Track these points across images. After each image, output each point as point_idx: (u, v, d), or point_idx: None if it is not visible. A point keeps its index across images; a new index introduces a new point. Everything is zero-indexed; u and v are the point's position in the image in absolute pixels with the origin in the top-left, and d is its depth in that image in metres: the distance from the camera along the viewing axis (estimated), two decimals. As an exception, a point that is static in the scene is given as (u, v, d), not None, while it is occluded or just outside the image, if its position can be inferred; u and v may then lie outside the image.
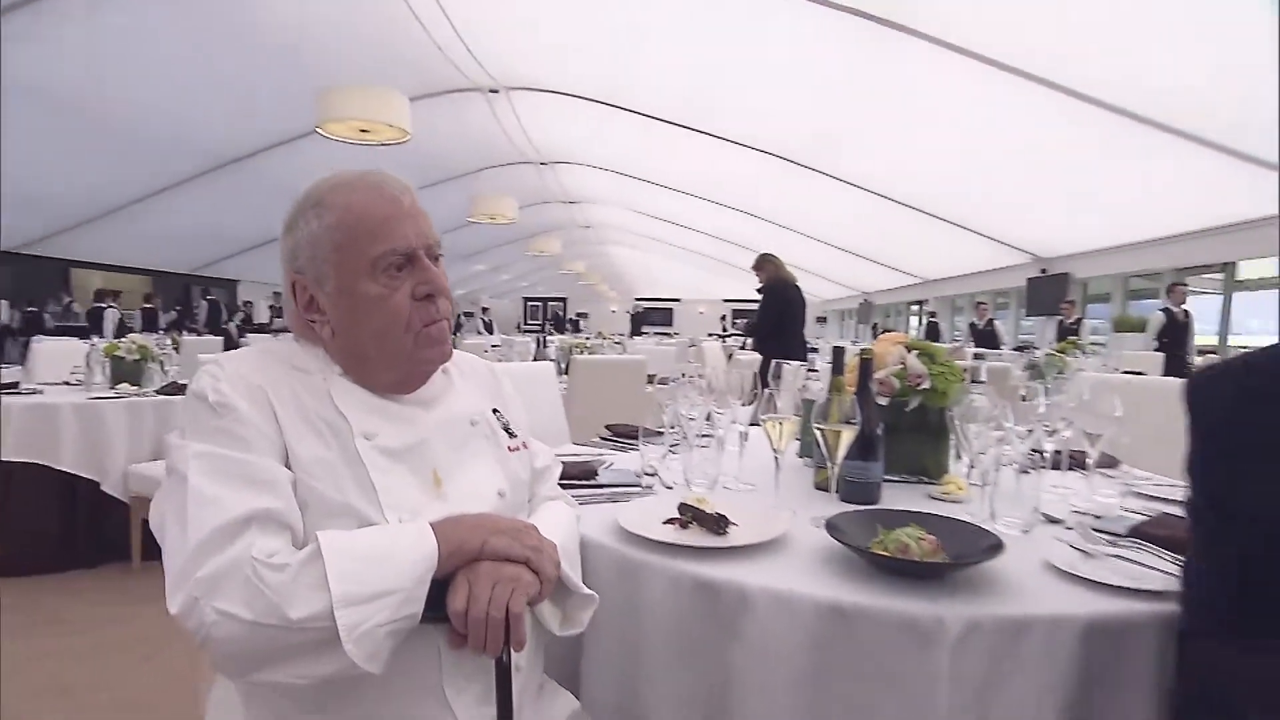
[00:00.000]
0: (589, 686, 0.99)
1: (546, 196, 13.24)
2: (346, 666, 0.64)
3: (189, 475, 0.67)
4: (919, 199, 8.98)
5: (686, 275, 21.66)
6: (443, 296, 0.83)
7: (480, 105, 8.50)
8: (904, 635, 0.82)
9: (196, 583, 0.63)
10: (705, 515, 1.04)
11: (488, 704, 0.75)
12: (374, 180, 0.83)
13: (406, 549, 0.69)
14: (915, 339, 1.52)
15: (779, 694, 0.85)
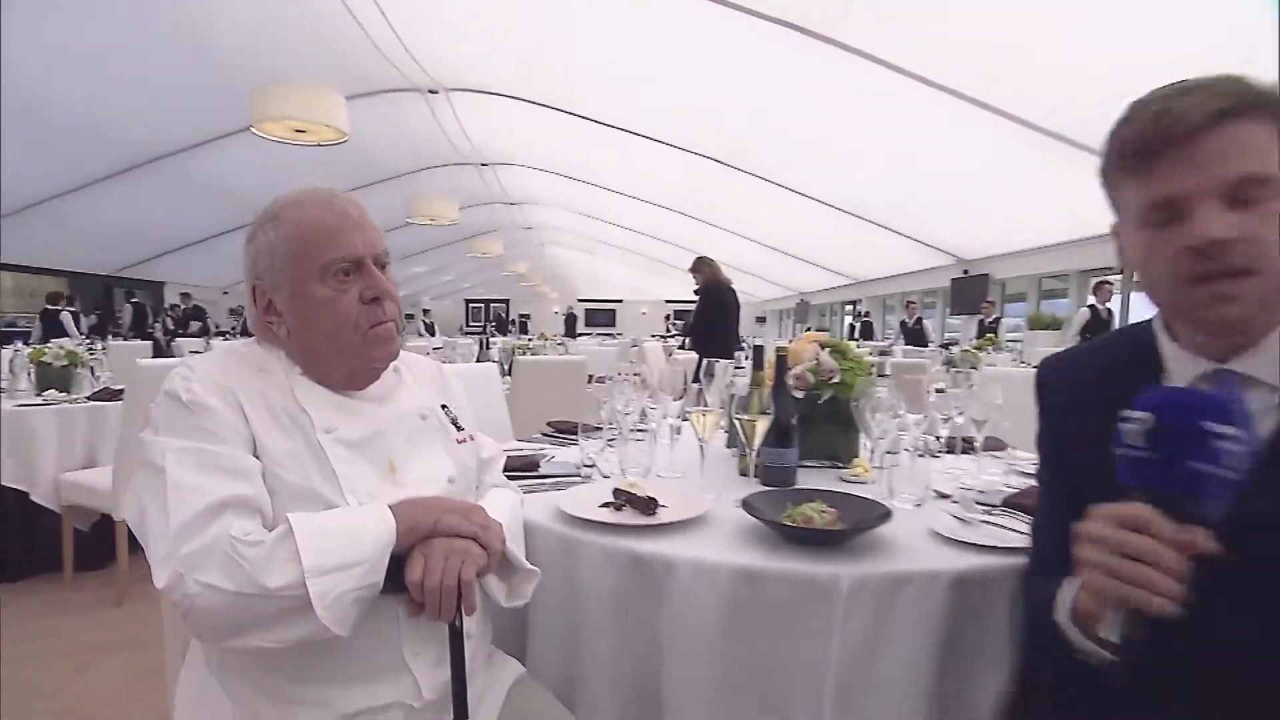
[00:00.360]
0: (534, 653, 1.09)
1: (487, 197, 13.17)
2: (317, 630, 0.72)
3: (168, 467, 0.75)
4: (850, 203, 9.36)
5: (629, 276, 21.84)
6: (389, 299, 0.92)
7: (419, 105, 8.42)
8: (805, 593, 0.95)
9: (180, 559, 0.70)
10: (637, 498, 1.15)
11: (443, 666, 0.85)
12: (325, 196, 0.91)
13: (368, 526, 0.78)
14: (829, 337, 1.67)
15: (700, 649, 0.98)
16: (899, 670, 0.96)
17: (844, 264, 13.63)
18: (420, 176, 10.55)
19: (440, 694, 0.85)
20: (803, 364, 1.54)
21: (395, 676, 0.84)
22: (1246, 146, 0.67)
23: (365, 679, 0.82)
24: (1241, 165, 0.67)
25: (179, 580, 0.70)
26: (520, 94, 8.25)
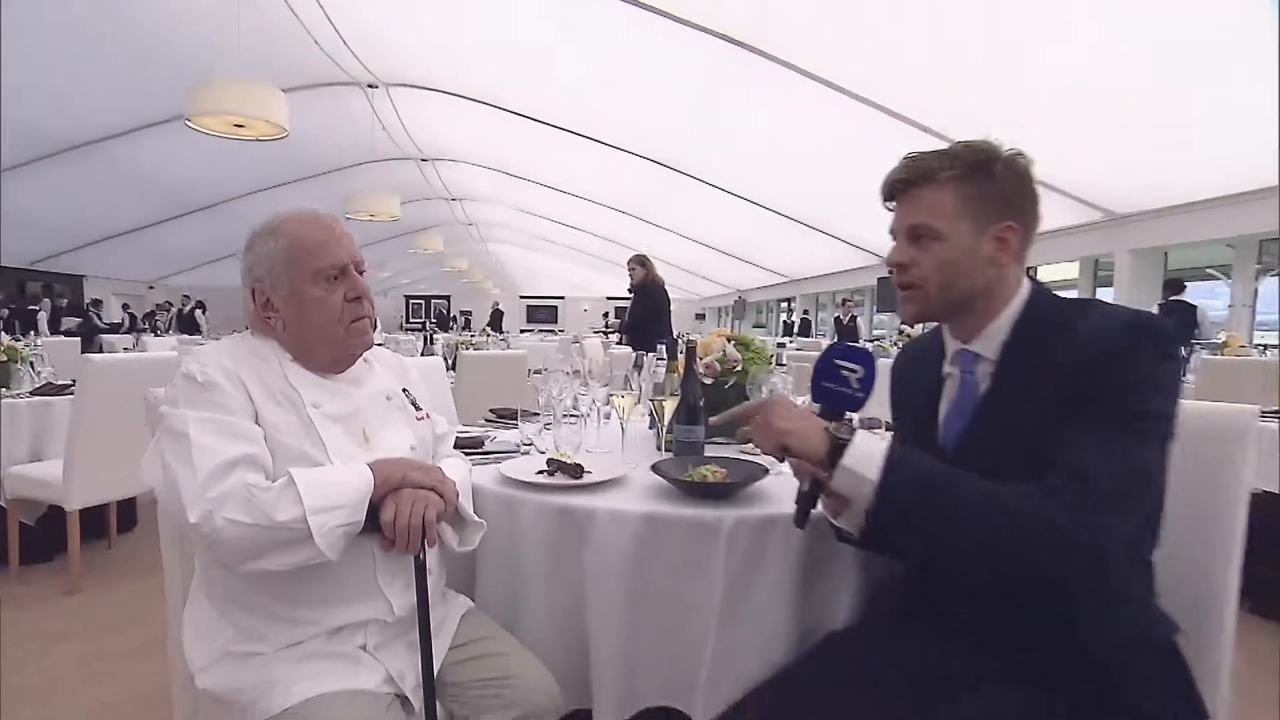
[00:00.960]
0: (481, 590, 1.33)
1: (428, 193, 13.13)
2: (315, 555, 0.94)
3: (190, 432, 0.95)
4: (785, 205, 9.82)
5: (571, 273, 21.97)
6: (366, 299, 1.15)
7: (358, 100, 8.41)
8: (697, 533, 1.22)
9: (208, 501, 0.91)
10: (566, 465, 1.40)
11: (409, 591, 1.08)
12: (313, 214, 1.14)
13: (352, 478, 1.00)
14: (735, 331, 1.95)
15: (615, 580, 1.23)
16: (771, 593, 1.23)
17: (780, 263, 14.18)
18: (359, 171, 10.49)
19: (407, 613, 1.08)
20: (711, 354, 1.81)
21: (371, 599, 1.06)
22: (918, 204, 1.00)
23: (348, 601, 1.05)
24: (913, 218, 1.01)
25: (208, 517, 0.90)
26: (461, 91, 8.34)
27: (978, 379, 1.02)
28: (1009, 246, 0.99)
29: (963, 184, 0.98)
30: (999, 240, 0.98)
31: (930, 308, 1.03)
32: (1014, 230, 0.98)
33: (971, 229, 0.98)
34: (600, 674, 1.25)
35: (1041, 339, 0.96)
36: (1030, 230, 1.02)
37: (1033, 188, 1.01)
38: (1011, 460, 0.91)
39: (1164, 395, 0.88)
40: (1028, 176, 1.01)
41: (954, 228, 0.98)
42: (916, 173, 1.00)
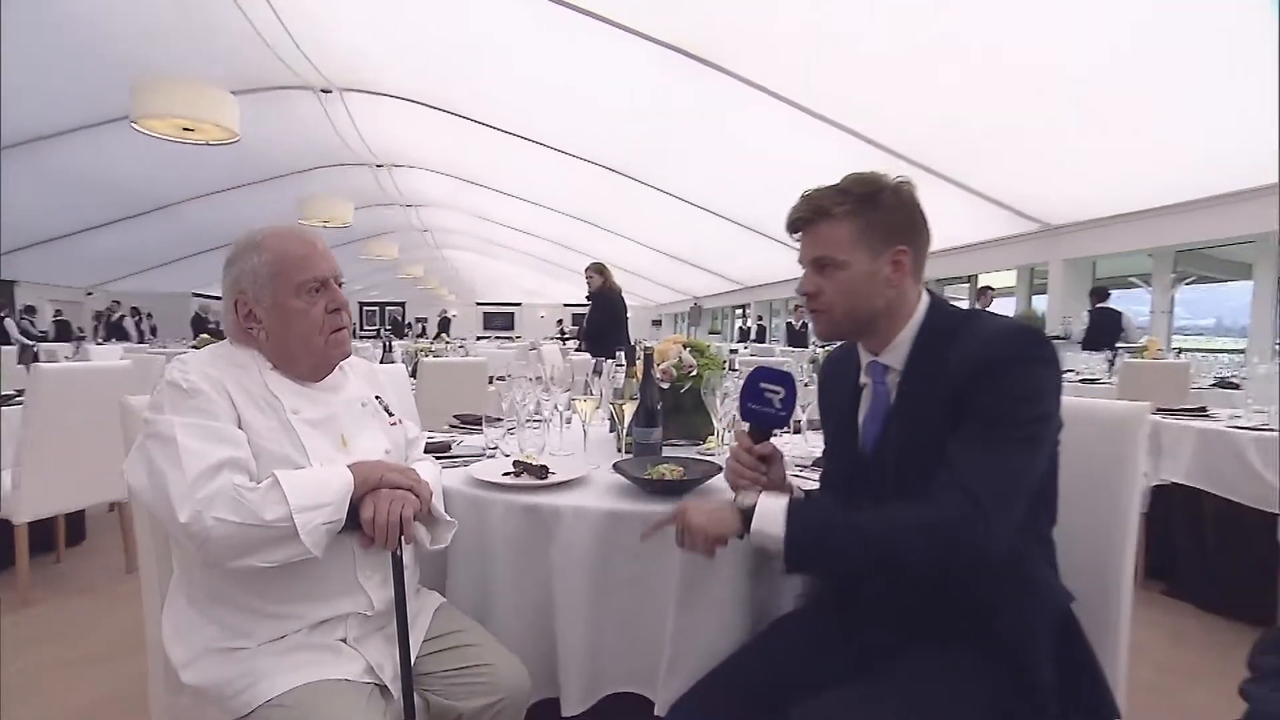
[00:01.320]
0: (452, 587, 1.39)
1: (382, 199, 12.96)
2: (300, 552, 1.00)
3: (178, 437, 0.99)
4: (738, 213, 10.03)
5: (527, 279, 21.91)
6: (345, 311, 1.21)
7: (311, 104, 8.30)
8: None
9: (198, 501, 0.96)
10: (532, 466, 1.48)
11: (387, 586, 1.14)
12: (296, 230, 1.20)
13: (334, 478, 1.06)
14: (691, 338, 2.06)
15: (580, 572, 1.31)
16: (725, 582, 1.33)
17: (735, 270, 14.44)
18: (312, 176, 10.31)
19: (385, 606, 1.14)
20: (668, 360, 1.91)
21: (351, 593, 1.12)
22: (819, 238, 1.12)
23: (329, 596, 1.10)
24: (816, 250, 1.12)
25: (198, 516, 0.95)
26: (417, 97, 8.30)
27: (888, 388, 1.14)
28: (903, 268, 1.10)
29: (856, 216, 1.09)
30: (894, 263, 1.09)
31: (839, 328, 1.16)
32: (906, 253, 1.10)
33: (869, 256, 1.09)
34: (567, 663, 1.33)
35: (937, 350, 1.07)
36: (922, 250, 1.13)
37: (919, 212, 1.13)
38: (919, 460, 1.03)
39: (1041, 399, 1.00)
40: (913, 202, 1.12)
41: (853, 256, 1.09)
42: (814, 210, 1.11)
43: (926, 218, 1.14)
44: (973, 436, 0.99)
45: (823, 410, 1.35)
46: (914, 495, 1.02)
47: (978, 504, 0.95)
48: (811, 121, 6.59)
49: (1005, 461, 0.97)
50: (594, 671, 1.34)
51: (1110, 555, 1.28)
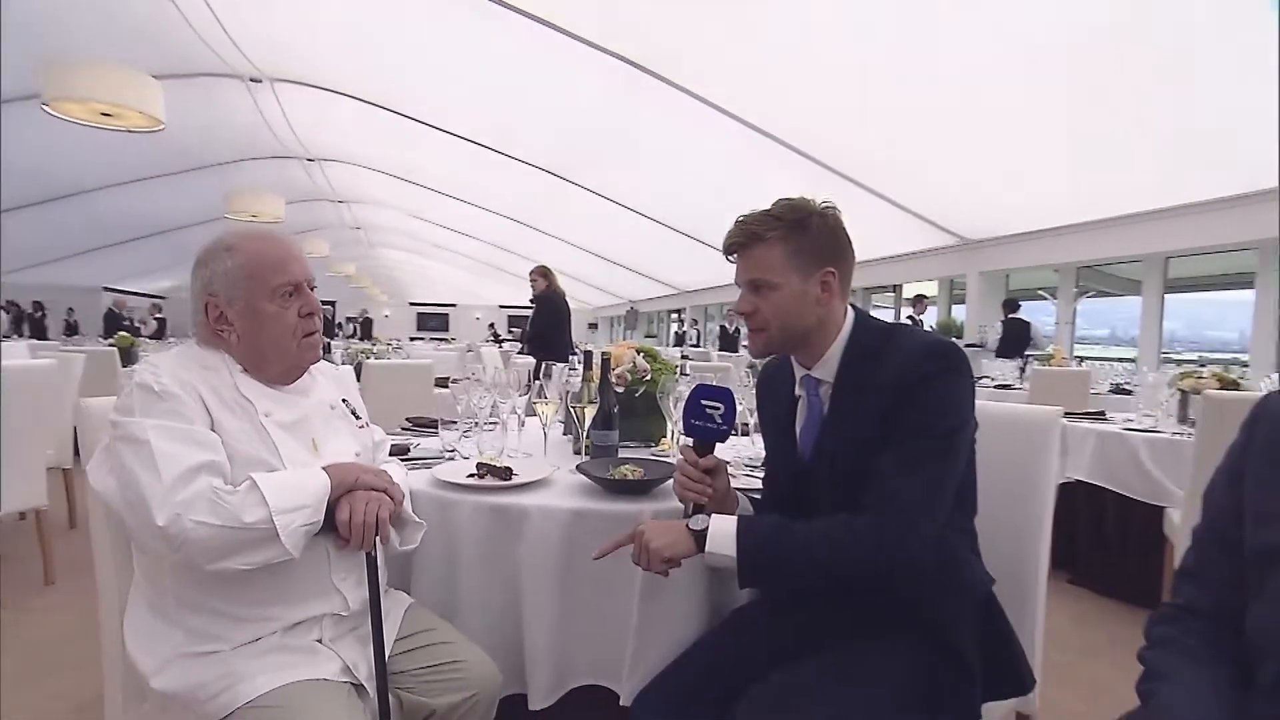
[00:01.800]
0: (418, 587, 1.41)
1: (314, 194, 12.51)
2: (279, 554, 1.01)
3: (151, 439, 0.99)
4: (674, 218, 10.18)
5: (463, 280, 21.52)
6: (318, 315, 1.22)
7: (240, 94, 7.94)
8: (620, 524, 1.35)
9: (176, 505, 0.95)
10: (496, 468, 1.52)
11: (361, 586, 1.16)
12: (270, 233, 1.20)
13: (311, 481, 1.07)
14: (643, 344, 2.13)
15: (548, 569, 1.36)
16: (685, 577, 1.40)
17: (671, 275, 14.63)
18: (240, 168, 9.84)
19: (360, 607, 1.16)
20: (623, 365, 1.98)
21: (326, 595, 1.14)
22: (753, 262, 1.20)
23: (304, 598, 1.12)
24: (751, 273, 1.21)
25: (176, 520, 0.95)
26: (352, 92, 8.08)
27: (821, 400, 1.24)
28: (831, 288, 1.20)
29: (787, 241, 1.18)
30: (823, 284, 1.19)
31: (774, 345, 1.24)
32: (833, 274, 1.20)
33: (799, 277, 1.18)
34: (534, 658, 1.38)
35: (864, 364, 1.18)
36: (847, 271, 1.23)
37: (845, 235, 1.23)
38: (853, 465, 1.13)
39: (956, 409, 1.11)
40: (839, 227, 1.23)
41: (785, 278, 1.18)
42: (748, 235, 1.20)
43: (850, 240, 1.24)
44: (898, 450, 1.09)
45: (762, 420, 1.45)
46: (850, 497, 1.12)
47: (904, 513, 1.06)
48: (747, 133, 6.79)
49: (927, 471, 1.08)
50: (560, 666, 1.40)
51: (1027, 544, 1.43)
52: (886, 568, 1.06)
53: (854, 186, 7.23)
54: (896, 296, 10.41)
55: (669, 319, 18.80)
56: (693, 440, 1.24)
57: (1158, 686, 0.82)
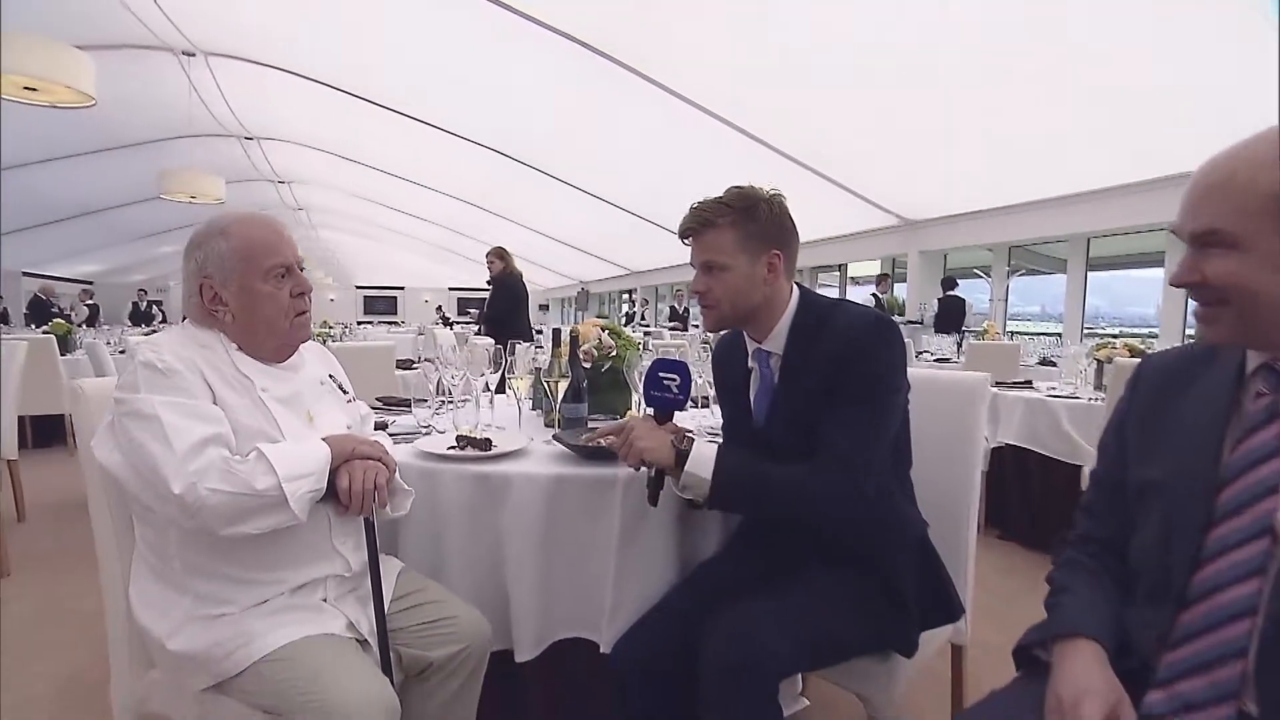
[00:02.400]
0: (406, 552, 1.50)
1: (252, 174, 12.05)
2: (288, 518, 1.08)
3: (160, 414, 1.04)
4: (625, 199, 10.24)
5: (411, 262, 21.08)
6: (308, 295, 1.28)
7: (171, 68, 7.60)
8: (596, 487, 1.48)
9: (190, 474, 1.02)
10: (475, 440, 1.61)
11: (360, 549, 1.25)
12: (261, 217, 1.26)
13: (313, 450, 1.15)
14: (609, 322, 2.24)
15: (531, 532, 1.46)
16: (657, 532, 1.52)
17: (621, 256, 14.69)
18: (173, 146, 9.39)
19: (359, 569, 1.25)
20: (589, 342, 2.08)
21: (328, 557, 1.22)
22: (706, 245, 1.32)
23: (308, 561, 1.20)
24: (704, 255, 1.33)
25: (192, 488, 1.02)
26: (292, 68, 7.83)
27: (772, 371, 1.38)
28: (777, 269, 1.33)
29: (736, 226, 1.30)
30: (769, 265, 1.32)
31: (725, 320, 1.37)
32: (779, 256, 1.33)
33: (748, 259, 1.31)
34: (519, 615, 1.48)
35: (809, 338, 1.31)
36: (792, 253, 1.36)
37: (790, 220, 1.36)
38: (801, 429, 1.28)
39: (891, 376, 1.26)
40: (784, 212, 1.35)
41: (735, 260, 1.31)
42: (700, 221, 1.32)
43: (795, 225, 1.37)
44: (840, 413, 1.24)
45: (719, 390, 1.59)
46: (800, 457, 1.26)
47: (848, 467, 1.21)
48: (697, 116, 6.90)
49: (863, 431, 1.23)
50: (543, 621, 1.50)
51: (960, 495, 1.61)
52: (828, 510, 1.24)
53: (800, 169, 7.44)
54: (841, 275, 10.75)
55: (620, 299, 18.88)
56: (653, 410, 1.36)
57: (1060, 598, 0.98)
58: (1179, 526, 0.87)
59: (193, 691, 1.15)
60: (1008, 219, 7.43)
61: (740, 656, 1.14)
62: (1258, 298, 0.78)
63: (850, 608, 1.26)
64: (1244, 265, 0.78)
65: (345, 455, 1.20)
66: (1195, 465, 0.88)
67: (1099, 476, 1.08)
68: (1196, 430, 0.90)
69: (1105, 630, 0.90)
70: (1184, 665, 0.83)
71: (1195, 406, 0.92)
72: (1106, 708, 0.80)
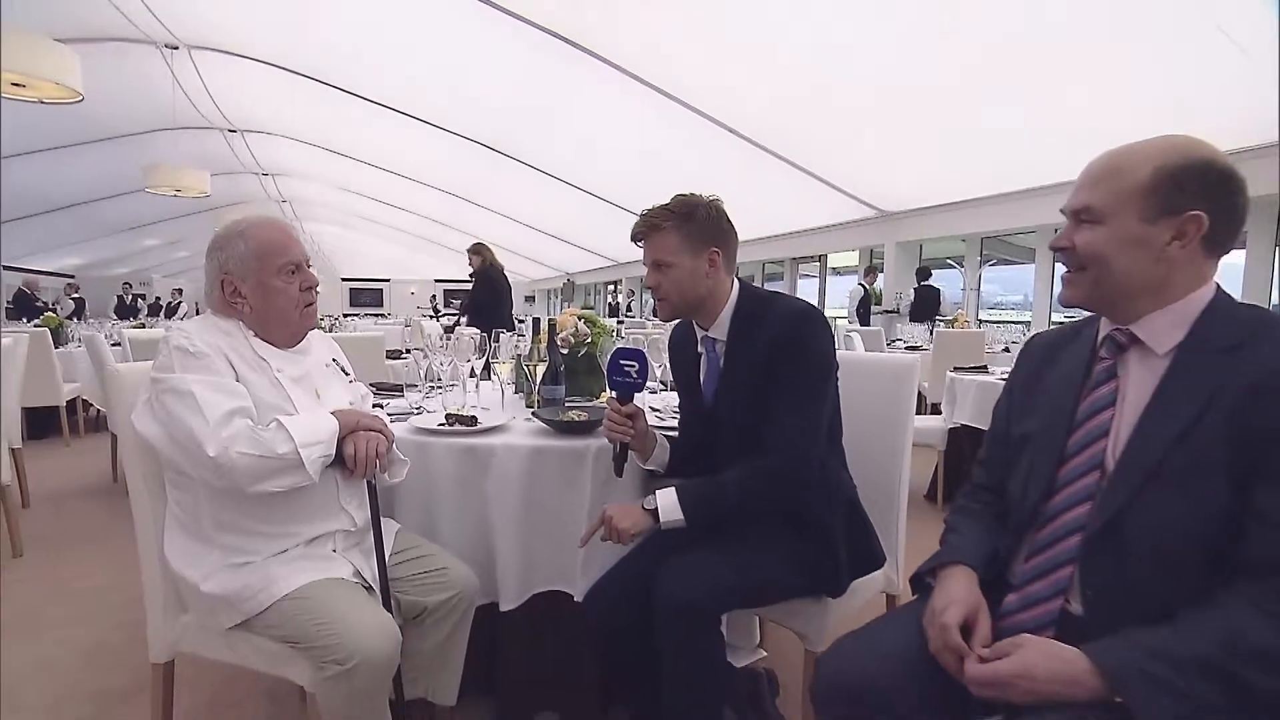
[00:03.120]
0: (401, 516, 1.69)
1: (236, 166, 12.06)
2: (304, 478, 1.27)
3: (194, 390, 1.22)
4: (609, 191, 10.37)
5: (396, 254, 21.08)
6: (315, 288, 1.46)
7: (155, 61, 7.65)
8: (570, 457, 1.68)
9: (223, 440, 1.20)
10: (463, 417, 1.80)
11: (364, 508, 1.44)
12: (273, 220, 1.44)
13: (324, 422, 1.33)
14: (585, 311, 2.43)
15: (512, 497, 1.65)
16: (623, 496, 1.71)
17: (607, 247, 14.83)
18: (156, 139, 9.41)
19: (363, 525, 1.44)
20: (566, 330, 2.27)
21: (336, 515, 1.41)
22: (654, 246, 1.51)
23: (319, 517, 1.39)
24: (654, 255, 1.51)
25: (225, 451, 1.20)
26: (275, 60, 7.90)
27: (718, 356, 1.57)
28: (717, 264, 1.52)
29: (679, 229, 1.49)
30: (710, 261, 1.51)
31: (677, 310, 1.55)
32: (718, 253, 1.51)
33: (691, 257, 1.49)
34: (502, 570, 1.68)
35: (750, 325, 1.50)
36: (731, 250, 1.54)
37: (727, 221, 1.54)
38: (746, 407, 1.47)
39: (821, 360, 1.45)
40: (721, 215, 1.54)
41: (679, 259, 1.49)
42: (648, 225, 1.50)
43: (733, 225, 1.56)
44: (784, 398, 1.43)
45: (674, 373, 1.77)
46: (745, 432, 1.46)
47: (794, 448, 1.41)
48: (679, 109, 7.06)
49: (806, 412, 1.43)
50: (525, 574, 1.70)
51: (892, 464, 1.81)
52: (785, 492, 1.43)
53: (781, 162, 7.64)
54: (821, 266, 10.98)
55: (605, 290, 19.03)
56: (616, 392, 1.55)
57: (948, 536, 1.20)
58: (1038, 466, 1.08)
59: (221, 630, 1.35)
60: (979, 210, 7.68)
61: (689, 595, 1.35)
62: (1110, 265, 0.98)
63: (786, 556, 1.46)
64: (1104, 238, 0.98)
65: (351, 426, 1.39)
66: (1056, 418, 1.08)
67: (991, 434, 1.29)
68: (1059, 390, 1.11)
69: (978, 558, 1.11)
70: (1033, 572, 1.04)
71: (1061, 372, 1.13)
72: (965, 611, 1.01)
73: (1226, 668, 0.81)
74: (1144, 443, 0.95)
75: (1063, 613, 1.00)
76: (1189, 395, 0.92)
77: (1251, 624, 0.82)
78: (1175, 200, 0.93)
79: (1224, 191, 0.94)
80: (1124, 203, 0.96)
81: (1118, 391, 1.02)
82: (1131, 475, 0.95)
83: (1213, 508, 0.88)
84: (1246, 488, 0.86)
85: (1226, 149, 0.96)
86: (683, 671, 1.35)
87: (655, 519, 1.42)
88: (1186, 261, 0.95)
